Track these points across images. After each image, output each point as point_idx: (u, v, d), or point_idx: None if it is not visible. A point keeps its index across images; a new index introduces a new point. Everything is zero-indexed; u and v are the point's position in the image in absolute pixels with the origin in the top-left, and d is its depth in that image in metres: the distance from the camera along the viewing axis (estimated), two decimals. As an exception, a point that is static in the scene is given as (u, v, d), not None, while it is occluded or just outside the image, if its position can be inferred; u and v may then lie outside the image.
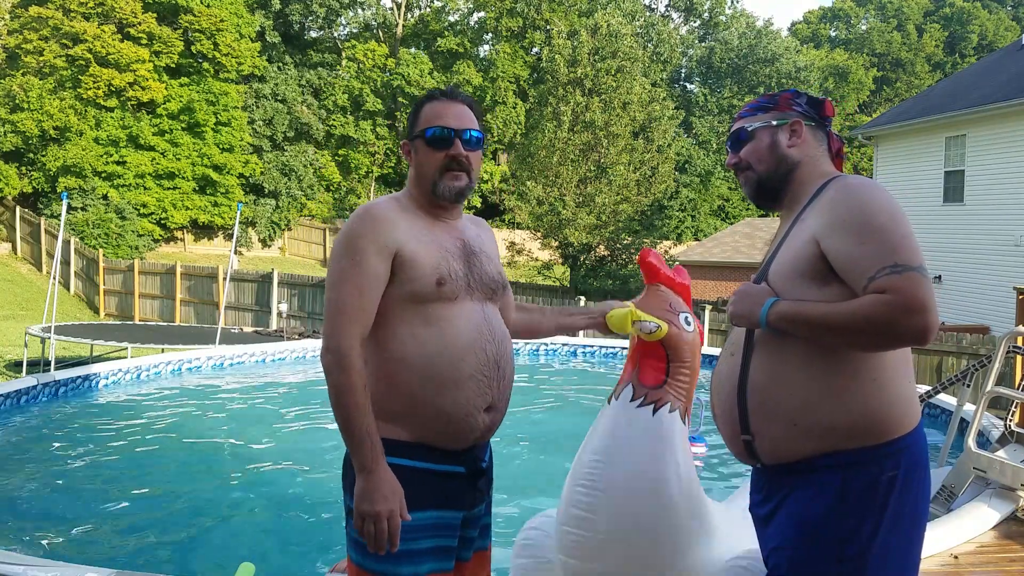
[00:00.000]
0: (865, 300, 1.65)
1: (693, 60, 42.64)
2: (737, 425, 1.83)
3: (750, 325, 1.81)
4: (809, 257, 1.76)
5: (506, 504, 5.32)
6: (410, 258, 1.94)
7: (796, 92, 1.99)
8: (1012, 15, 50.37)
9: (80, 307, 21.50)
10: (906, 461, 1.73)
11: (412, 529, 1.91)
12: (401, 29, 36.45)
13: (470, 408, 1.96)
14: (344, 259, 1.93)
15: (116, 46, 25.82)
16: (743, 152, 1.99)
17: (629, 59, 22.08)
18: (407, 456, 1.95)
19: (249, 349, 10.64)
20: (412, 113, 2.12)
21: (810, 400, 1.73)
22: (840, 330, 1.68)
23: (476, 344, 1.97)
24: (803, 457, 1.75)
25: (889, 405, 1.74)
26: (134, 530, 4.91)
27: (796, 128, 1.95)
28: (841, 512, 1.70)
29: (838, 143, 1.99)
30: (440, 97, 2.08)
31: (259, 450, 6.76)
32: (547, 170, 21.58)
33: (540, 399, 8.75)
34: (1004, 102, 14.90)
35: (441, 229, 2.04)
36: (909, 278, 1.63)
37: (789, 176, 1.93)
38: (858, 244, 1.70)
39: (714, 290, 26.46)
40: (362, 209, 1.99)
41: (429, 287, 1.94)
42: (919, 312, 1.62)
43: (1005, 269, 14.63)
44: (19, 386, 7.95)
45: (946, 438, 5.24)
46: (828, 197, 1.80)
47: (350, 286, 1.91)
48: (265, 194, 30.74)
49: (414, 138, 2.07)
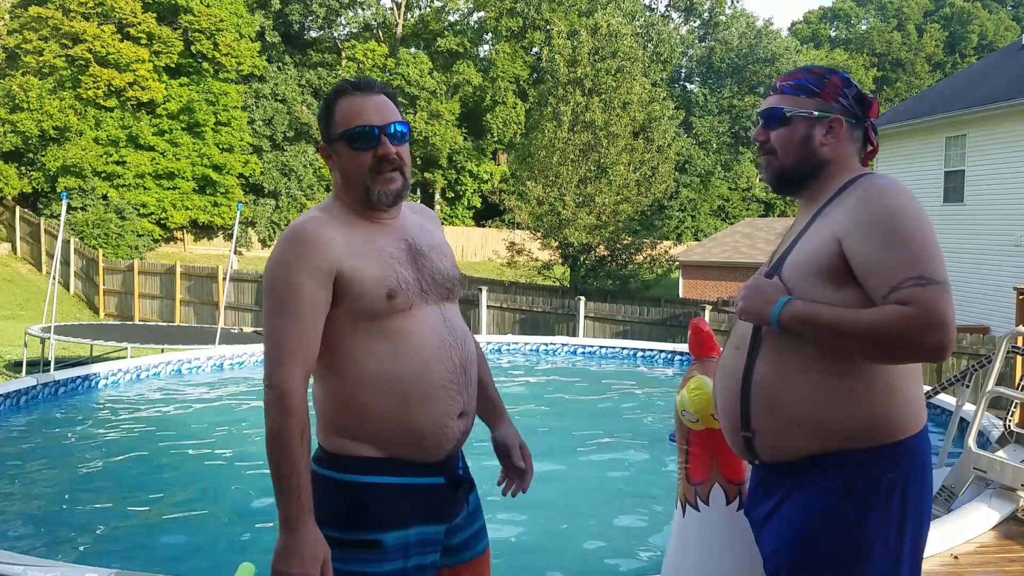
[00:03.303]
0: (885, 311, 1.59)
1: (693, 60, 42.66)
2: (738, 421, 1.79)
3: (760, 322, 1.74)
4: (829, 255, 1.69)
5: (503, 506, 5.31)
6: (352, 277, 1.77)
7: (848, 81, 1.84)
8: (1012, 15, 50.40)
9: (80, 307, 21.49)
10: (910, 463, 1.71)
11: (396, 548, 1.81)
12: (401, 29, 36.44)
13: (443, 419, 1.85)
14: (279, 288, 1.75)
15: (116, 46, 25.82)
16: (773, 136, 1.86)
17: (629, 59, 22.07)
18: (383, 473, 1.82)
19: (249, 349, 10.64)
20: (324, 111, 1.90)
21: (817, 400, 1.69)
22: (856, 338, 1.63)
23: (440, 352, 1.85)
24: (805, 456, 1.71)
25: (898, 407, 1.70)
26: (134, 530, 4.91)
27: (835, 126, 1.82)
28: (842, 513, 1.67)
29: (874, 144, 1.88)
30: (353, 91, 1.87)
31: (259, 450, 6.75)
32: (547, 170, 21.57)
33: (540, 398, 8.75)
34: (1004, 102, 14.90)
35: (382, 234, 1.86)
36: (934, 292, 1.57)
37: (815, 172, 1.84)
38: (884, 249, 1.63)
39: (714, 290, 26.46)
40: (289, 231, 1.80)
41: (379, 302, 1.78)
42: (941, 329, 1.56)
43: (1005, 269, 14.63)
44: (19, 386, 7.95)
45: (946, 438, 5.24)
46: (856, 196, 1.72)
47: (287, 318, 1.74)
48: (265, 194, 30.75)
49: (333, 140, 1.86)
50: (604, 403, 8.66)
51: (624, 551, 4.71)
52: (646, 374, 10.73)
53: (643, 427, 7.52)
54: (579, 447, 6.79)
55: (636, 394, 9.19)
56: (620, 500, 5.60)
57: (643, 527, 5.11)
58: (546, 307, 15.92)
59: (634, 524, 5.16)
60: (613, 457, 6.64)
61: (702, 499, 2.07)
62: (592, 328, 15.06)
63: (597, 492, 5.75)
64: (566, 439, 7.07)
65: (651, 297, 21.97)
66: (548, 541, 4.80)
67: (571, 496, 5.59)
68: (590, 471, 6.19)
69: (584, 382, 10.00)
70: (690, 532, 2.10)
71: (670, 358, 11.22)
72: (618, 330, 14.81)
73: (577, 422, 7.89)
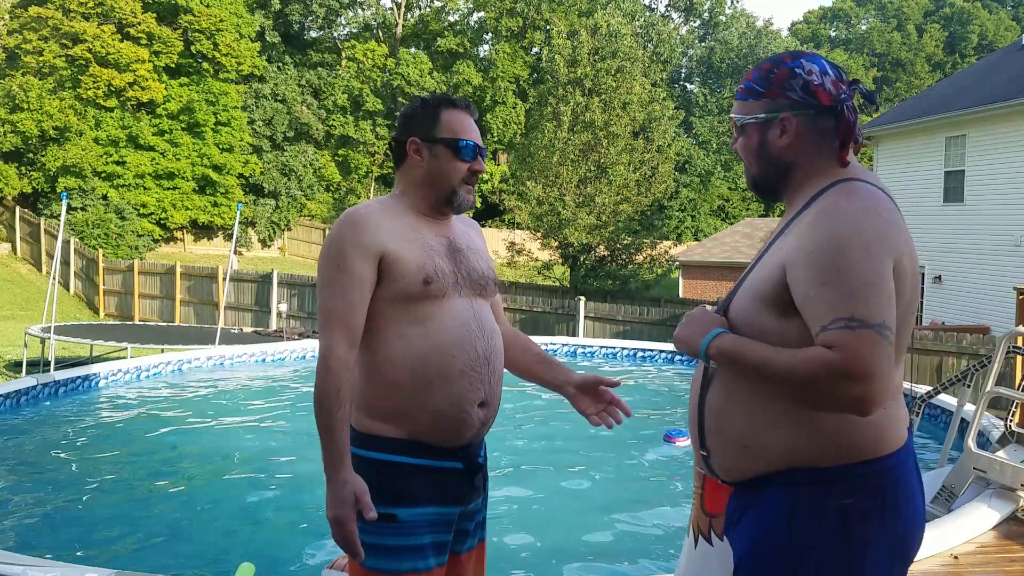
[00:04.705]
0: (806, 354, 1.45)
1: (693, 60, 42.69)
2: (697, 438, 1.74)
3: (689, 353, 1.67)
4: (775, 284, 1.56)
5: (498, 503, 5.32)
6: (395, 259, 1.96)
7: (793, 72, 1.64)
8: (1012, 15, 50.41)
9: (80, 307, 21.49)
10: (866, 490, 1.55)
11: (413, 524, 1.95)
12: (401, 29, 36.45)
13: (463, 404, 1.98)
14: (330, 265, 1.96)
15: (116, 46, 25.82)
16: (736, 147, 1.77)
17: (629, 59, 22.07)
18: (404, 453, 1.98)
19: (249, 349, 10.64)
20: (425, 113, 2.08)
21: (762, 422, 1.59)
22: (777, 381, 1.51)
23: (465, 341, 1.99)
24: (753, 476, 1.63)
25: (845, 431, 1.54)
26: (134, 530, 4.91)
27: (786, 125, 1.65)
28: (789, 536, 1.57)
29: (847, 131, 1.65)
30: (460, 107, 2.10)
31: (259, 450, 6.76)
32: (547, 170, 21.57)
33: (539, 398, 8.75)
34: (1004, 102, 14.90)
35: (427, 228, 2.06)
36: (862, 337, 1.41)
37: (783, 177, 1.70)
38: (819, 284, 1.47)
39: (714, 290, 26.48)
40: (345, 214, 2.02)
41: (416, 286, 1.96)
42: (863, 381, 1.40)
43: (1005, 269, 14.63)
44: (19, 386, 7.95)
45: (946, 438, 5.24)
46: (811, 215, 1.56)
47: (335, 291, 1.94)
48: (265, 194, 30.74)
49: (434, 142, 2.06)
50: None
51: (624, 552, 4.71)
52: (646, 374, 10.74)
53: (643, 427, 7.52)
54: (579, 447, 6.79)
55: (636, 394, 9.19)
56: (620, 499, 5.60)
57: (643, 527, 5.11)
58: (546, 307, 15.92)
59: (635, 524, 5.16)
60: (613, 458, 6.64)
61: (716, 533, 1.93)
62: (592, 328, 15.06)
63: (597, 493, 5.75)
64: (565, 439, 7.08)
65: (651, 297, 21.97)
66: (548, 541, 4.80)
67: (571, 497, 5.60)
68: (590, 471, 6.19)
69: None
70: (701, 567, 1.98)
71: (670, 358, 11.23)
72: (618, 330, 14.82)
73: (576, 423, 7.88)
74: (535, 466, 6.20)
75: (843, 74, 1.68)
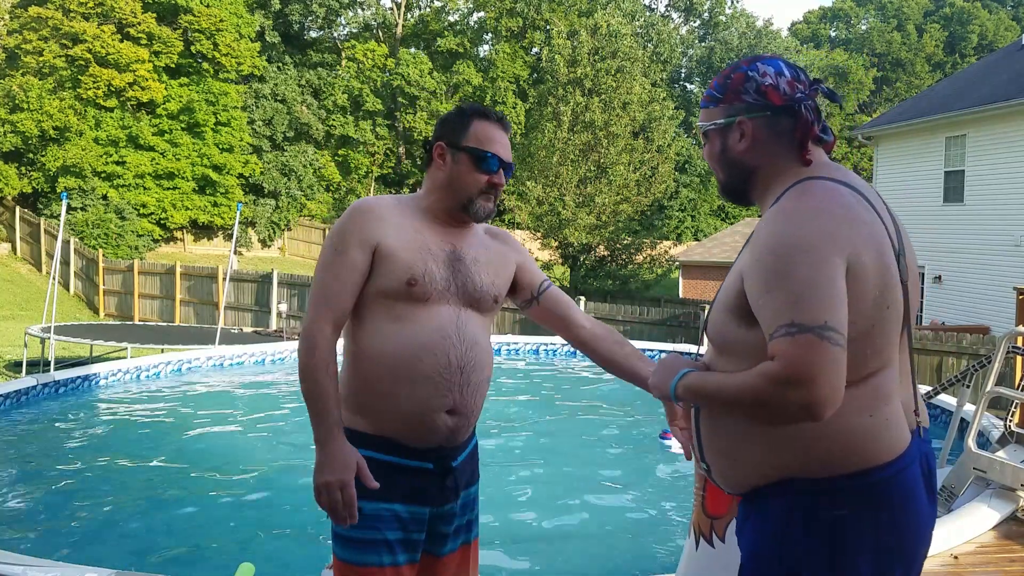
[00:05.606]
0: (753, 371, 1.42)
1: (693, 60, 42.67)
2: (698, 453, 1.74)
3: (662, 398, 1.71)
4: (736, 293, 1.54)
5: (498, 502, 5.33)
6: (387, 254, 1.99)
7: (747, 76, 1.65)
8: (1012, 15, 50.39)
9: (80, 307, 21.49)
10: (860, 501, 1.51)
11: (375, 518, 1.97)
12: (401, 29, 36.44)
13: (427, 409, 1.99)
14: (329, 248, 2.02)
15: (116, 46, 25.82)
16: (704, 154, 1.77)
17: (629, 59, 22.08)
18: (373, 448, 2.00)
19: (249, 349, 10.64)
20: (458, 120, 2.11)
21: (746, 436, 1.58)
22: (733, 404, 1.49)
23: (438, 346, 1.99)
24: (752, 487, 1.62)
25: (833, 441, 1.50)
26: (134, 530, 4.91)
27: (744, 128, 1.65)
28: (781, 547, 1.55)
29: (804, 130, 1.62)
30: (493, 119, 2.13)
31: (259, 450, 6.76)
32: (547, 170, 21.58)
33: (539, 398, 8.75)
34: (1004, 102, 14.91)
35: (433, 233, 2.07)
36: (801, 343, 1.36)
37: (749, 181, 1.69)
38: (764, 291, 1.44)
39: (714, 290, 26.44)
40: (356, 202, 2.07)
41: (398, 284, 1.98)
42: (802, 385, 1.36)
43: (1005, 269, 14.63)
44: (19, 386, 7.95)
45: (946, 438, 5.24)
46: (763, 221, 1.54)
47: (329, 273, 1.99)
48: (265, 194, 30.74)
49: (460, 149, 2.08)
50: (604, 403, 8.66)
51: (623, 551, 4.71)
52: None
53: (643, 427, 7.52)
54: (579, 448, 6.79)
55: (636, 394, 9.18)
56: (620, 499, 5.60)
57: (642, 528, 5.11)
58: (546, 307, 15.88)
59: (634, 524, 5.16)
60: (612, 458, 6.64)
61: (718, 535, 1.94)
62: (592, 328, 15.02)
63: (595, 493, 5.75)
64: (566, 439, 7.08)
65: (651, 297, 21.99)
66: (545, 542, 4.80)
67: (569, 497, 5.60)
68: (589, 472, 6.19)
69: (584, 383, 9.99)
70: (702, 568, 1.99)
71: (670, 358, 11.19)
72: (618, 330, 14.77)
73: (576, 423, 7.90)
74: (533, 466, 6.21)
75: (802, 74, 1.67)
